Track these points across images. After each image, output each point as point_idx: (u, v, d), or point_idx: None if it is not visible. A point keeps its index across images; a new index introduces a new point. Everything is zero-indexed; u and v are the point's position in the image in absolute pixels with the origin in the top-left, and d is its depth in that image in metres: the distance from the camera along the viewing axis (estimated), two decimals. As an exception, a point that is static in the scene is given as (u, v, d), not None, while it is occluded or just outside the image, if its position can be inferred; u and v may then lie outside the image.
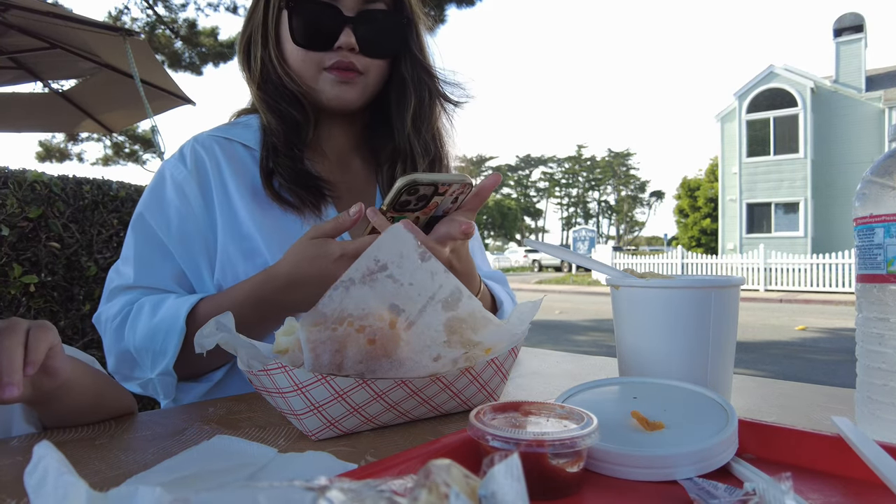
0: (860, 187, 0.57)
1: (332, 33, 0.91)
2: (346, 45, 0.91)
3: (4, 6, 3.43)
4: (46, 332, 0.56)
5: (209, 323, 0.58)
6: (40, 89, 5.09)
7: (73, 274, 1.32)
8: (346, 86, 0.94)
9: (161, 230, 0.89)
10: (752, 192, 21.18)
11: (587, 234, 20.32)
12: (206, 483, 0.45)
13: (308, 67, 0.93)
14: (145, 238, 0.90)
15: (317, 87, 0.94)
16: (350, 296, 0.56)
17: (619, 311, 0.68)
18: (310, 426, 0.58)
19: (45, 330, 0.56)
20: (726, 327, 0.63)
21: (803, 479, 0.46)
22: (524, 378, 0.86)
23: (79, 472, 0.28)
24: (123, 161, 14.46)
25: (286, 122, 0.95)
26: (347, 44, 0.90)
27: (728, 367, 0.65)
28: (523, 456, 0.30)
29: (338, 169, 1.02)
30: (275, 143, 0.94)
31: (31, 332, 0.55)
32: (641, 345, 0.65)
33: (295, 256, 0.75)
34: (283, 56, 0.95)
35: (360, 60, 0.93)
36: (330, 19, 0.91)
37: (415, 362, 0.60)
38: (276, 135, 0.94)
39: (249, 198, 0.91)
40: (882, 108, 19.49)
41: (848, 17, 20.35)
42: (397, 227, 0.57)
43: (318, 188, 0.94)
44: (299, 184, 0.92)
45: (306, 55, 0.92)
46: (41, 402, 0.62)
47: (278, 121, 0.95)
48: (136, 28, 9.52)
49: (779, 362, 5.96)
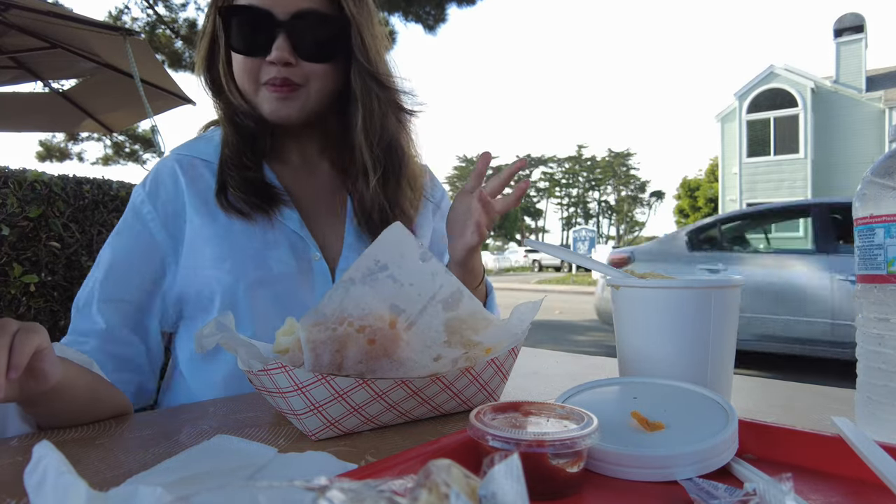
0: (860, 187, 0.57)
1: (266, 39, 0.89)
2: (279, 60, 0.88)
3: (5, 5, 3.43)
4: (34, 334, 0.55)
5: (209, 323, 0.58)
6: (41, 89, 5.10)
7: (74, 273, 1.32)
8: (283, 101, 0.91)
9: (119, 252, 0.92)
10: (752, 193, 21.16)
11: (587, 235, 20.30)
12: (206, 483, 0.45)
13: (248, 82, 0.92)
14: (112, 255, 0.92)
15: (256, 103, 0.93)
16: (350, 296, 0.56)
17: (620, 311, 0.68)
18: (310, 426, 0.58)
19: (32, 333, 0.55)
20: (726, 327, 0.63)
21: (803, 479, 0.46)
22: (524, 378, 0.86)
23: (79, 472, 0.28)
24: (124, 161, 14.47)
25: (242, 133, 0.95)
26: (280, 58, 0.88)
27: (728, 367, 0.65)
28: (523, 456, 0.30)
29: (304, 174, 1.02)
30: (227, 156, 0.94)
31: (17, 335, 0.54)
32: (641, 345, 0.65)
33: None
34: (230, 71, 0.94)
35: (296, 73, 0.90)
36: (263, 24, 0.88)
37: (415, 362, 0.59)
38: (229, 146, 0.95)
39: (203, 210, 0.92)
40: (882, 109, 19.48)
41: (848, 18, 20.34)
42: (397, 227, 0.57)
43: (269, 195, 0.93)
44: (248, 192, 0.92)
45: (244, 69, 0.91)
46: (30, 403, 0.61)
47: (234, 132, 0.95)
48: (137, 28, 9.52)
49: (779, 362, 5.96)
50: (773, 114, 20.73)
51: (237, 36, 0.90)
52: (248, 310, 0.88)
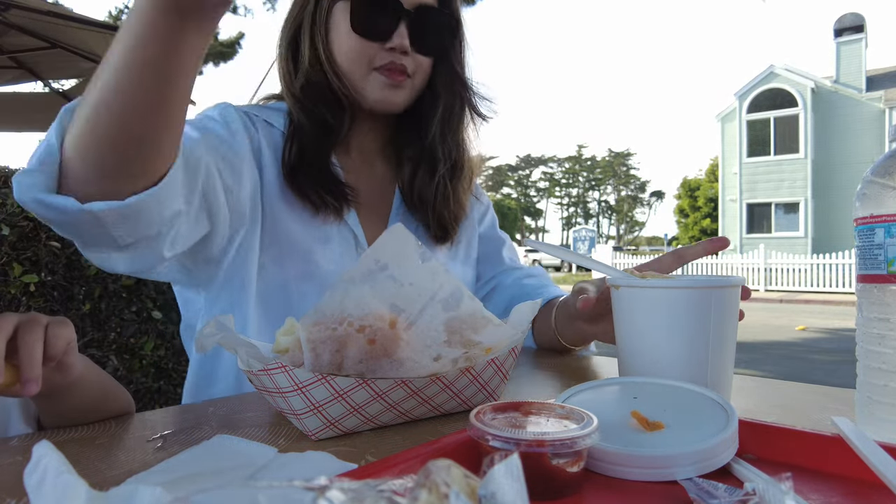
0: (860, 187, 0.57)
1: (390, 26, 0.89)
2: (400, 47, 0.89)
3: (5, 5, 3.43)
4: (65, 327, 0.57)
5: (209, 323, 0.58)
6: (41, 89, 5.10)
7: (74, 273, 1.32)
8: (394, 89, 0.92)
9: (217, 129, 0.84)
10: (752, 192, 21.17)
11: (587, 234, 20.32)
12: (206, 483, 0.45)
13: (359, 66, 0.91)
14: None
15: (364, 88, 0.92)
16: (350, 296, 0.56)
17: (620, 311, 0.68)
18: (310, 426, 0.58)
19: (64, 325, 0.57)
20: (726, 327, 0.63)
21: (803, 479, 0.45)
22: (524, 378, 0.86)
23: (79, 471, 0.28)
24: (124, 161, 14.43)
25: (319, 124, 0.93)
26: (401, 46, 0.89)
27: (728, 367, 0.65)
28: (523, 456, 0.30)
29: (361, 169, 1.02)
30: (304, 144, 0.92)
31: (49, 328, 0.56)
32: (641, 345, 0.65)
33: None
34: (332, 54, 0.93)
35: (410, 63, 0.92)
36: (390, 10, 0.89)
37: (415, 362, 0.60)
38: (307, 136, 0.93)
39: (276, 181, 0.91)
40: (882, 109, 19.48)
41: (848, 18, 20.34)
42: (398, 228, 0.57)
43: (343, 193, 0.93)
44: (324, 187, 0.91)
45: (358, 52, 0.90)
46: (50, 397, 0.62)
47: (311, 123, 0.93)
48: (137, 28, 9.50)
49: (779, 362, 5.96)
50: (773, 114, 20.73)
51: (359, 18, 0.89)
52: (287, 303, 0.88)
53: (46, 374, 0.56)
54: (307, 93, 0.93)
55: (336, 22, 0.92)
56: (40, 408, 0.66)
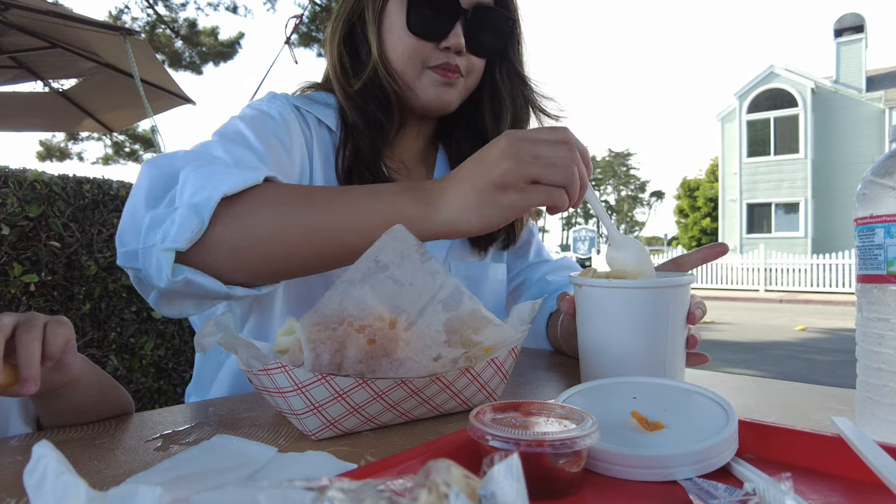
0: (860, 188, 0.57)
1: (446, 25, 0.88)
2: (455, 47, 0.88)
3: (5, 5, 3.43)
4: (63, 326, 0.57)
5: (208, 323, 0.58)
6: (41, 88, 5.11)
7: (74, 273, 1.32)
8: (447, 87, 0.91)
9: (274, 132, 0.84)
10: (752, 193, 21.17)
11: (587, 234, 20.32)
12: (206, 483, 0.45)
13: (413, 65, 0.90)
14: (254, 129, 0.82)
15: (416, 87, 0.91)
16: (350, 296, 0.56)
17: (583, 310, 0.72)
18: (310, 426, 0.58)
19: (62, 324, 0.57)
20: (681, 320, 0.70)
21: (803, 479, 0.46)
22: (524, 378, 0.86)
23: (79, 471, 0.28)
24: (123, 160, 14.49)
25: (372, 124, 0.92)
26: (456, 45, 0.88)
27: (682, 356, 0.72)
28: (523, 456, 0.30)
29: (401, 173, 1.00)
30: (359, 145, 0.91)
31: (48, 327, 0.56)
32: (605, 341, 0.69)
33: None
34: (385, 52, 0.91)
35: (464, 63, 0.91)
36: (446, 9, 0.88)
37: (415, 362, 0.59)
38: (361, 137, 0.92)
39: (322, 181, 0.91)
40: (882, 109, 19.48)
41: (848, 18, 20.34)
42: (398, 228, 0.57)
43: None
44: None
45: (413, 50, 0.89)
46: (49, 396, 0.62)
47: (364, 122, 0.92)
48: (137, 27, 9.53)
49: (779, 362, 5.96)
50: (773, 114, 20.73)
51: (415, 16, 0.88)
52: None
53: (45, 374, 0.56)
54: (362, 92, 0.92)
55: (390, 19, 0.90)
56: (39, 408, 0.66)
